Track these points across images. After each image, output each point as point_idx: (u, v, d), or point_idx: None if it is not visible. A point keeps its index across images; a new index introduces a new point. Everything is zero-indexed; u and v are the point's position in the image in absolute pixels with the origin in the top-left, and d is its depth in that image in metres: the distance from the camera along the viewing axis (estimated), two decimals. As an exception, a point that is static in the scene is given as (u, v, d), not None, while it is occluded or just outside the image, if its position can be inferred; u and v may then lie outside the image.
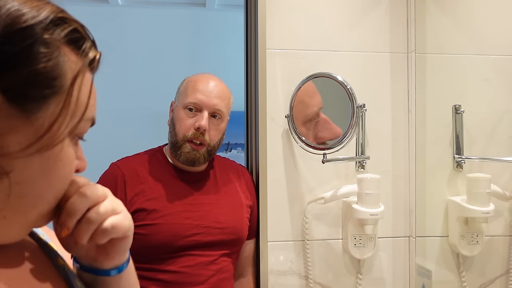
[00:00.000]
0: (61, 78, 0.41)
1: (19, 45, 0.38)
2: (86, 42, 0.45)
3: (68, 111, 0.42)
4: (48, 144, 0.41)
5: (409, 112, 1.41)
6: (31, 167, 0.41)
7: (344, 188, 1.32)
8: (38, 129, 0.40)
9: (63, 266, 0.50)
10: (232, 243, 1.18)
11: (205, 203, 1.17)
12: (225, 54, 3.00)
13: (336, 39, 1.39)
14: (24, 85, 0.39)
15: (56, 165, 0.43)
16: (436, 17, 1.37)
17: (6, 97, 0.38)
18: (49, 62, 0.40)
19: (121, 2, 3.09)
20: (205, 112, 1.15)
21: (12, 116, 0.39)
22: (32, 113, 0.40)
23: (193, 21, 3.17)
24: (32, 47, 0.39)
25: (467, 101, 1.31)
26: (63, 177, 0.44)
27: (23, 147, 0.40)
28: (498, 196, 1.25)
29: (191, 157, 1.15)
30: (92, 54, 0.45)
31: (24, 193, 0.42)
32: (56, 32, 0.41)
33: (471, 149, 1.31)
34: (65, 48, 0.42)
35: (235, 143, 3.04)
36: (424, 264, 1.35)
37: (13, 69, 0.38)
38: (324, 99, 1.34)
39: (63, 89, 0.42)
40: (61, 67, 0.41)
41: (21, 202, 0.42)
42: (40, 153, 0.41)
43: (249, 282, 1.28)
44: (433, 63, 1.38)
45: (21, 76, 0.39)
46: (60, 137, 0.42)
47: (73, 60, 0.43)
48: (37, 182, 0.42)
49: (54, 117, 0.41)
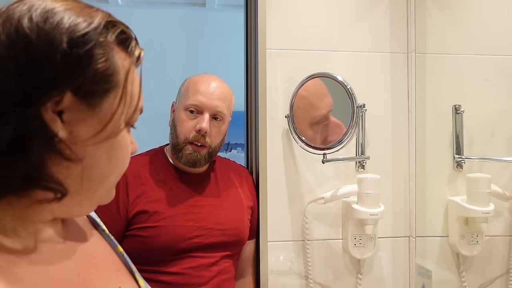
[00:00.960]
0: (117, 74, 0.48)
1: (82, 50, 0.44)
2: (132, 41, 0.52)
3: (125, 102, 0.49)
4: (112, 133, 0.49)
5: (409, 112, 1.41)
6: (98, 153, 0.48)
7: (344, 188, 1.32)
8: (102, 119, 0.47)
9: (122, 253, 0.61)
10: (234, 245, 1.18)
11: (206, 205, 1.17)
12: (225, 54, 3.00)
13: (336, 39, 1.39)
14: (89, 83, 0.45)
15: (118, 150, 0.50)
16: (436, 17, 1.37)
17: (75, 95, 0.45)
18: (107, 61, 0.47)
19: (121, 2, 3.09)
20: (206, 114, 1.14)
21: (81, 110, 0.46)
22: (96, 106, 0.47)
23: (193, 21, 3.17)
24: (92, 50, 0.45)
25: (467, 101, 1.31)
26: (123, 160, 0.52)
27: (91, 136, 0.47)
28: (498, 196, 1.25)
29: (192, 158, 1.14)
30: (137, 51, 0.52)
31: (93, 175, 0.49)
32: (109, 35, 0.48)
33: (471, 149, 1.31)
34: (117, 48, 0.49)
35: (235, 143, 3.03)
36: (424, 264, 1.35)
37: (79, 70, 0.45)
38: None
39: (119, 84, 0.48)
40: (115, 65, 0.48)
41: (91, 183, 0.49)
42: (107, 140, 0.48)
43: (249, 282, 1.28)
44: (433, 63, 1.38)
45: (86, 75, 0.45)
46: (121, 125, 0.50)
47: (124, 57, 0.50)
48: (103, 165, 0.49)
49: (114, 108, 0.48)
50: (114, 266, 0.58)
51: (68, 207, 0.49)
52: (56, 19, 0.44)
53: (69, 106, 0.45)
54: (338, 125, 1.30)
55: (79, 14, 0.46)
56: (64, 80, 0.44)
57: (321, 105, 1.30)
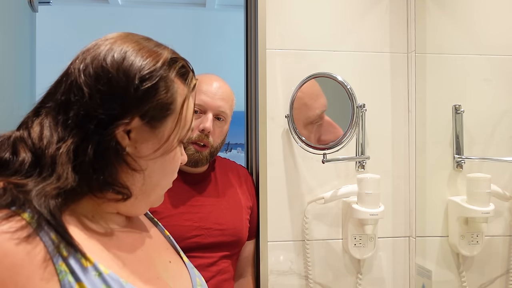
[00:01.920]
0: (175, 103, 0.59)
1: (149, 84, 0.56)
2: (189, 74, 0.62)
3: (180, 125, 0.60)
4: (168, 150, 0.60)
5: (409, 112, 1.41)
6: (155, 165, 0.60)
7: (344, 188, 1.32)
8: (160, 139, 0.59)
9: (169, 236, 0.75)
10: (232, 245, 1.18)
11: (205, 205, 1.17)
12: (225, 54, 3.01)
13: (336, 39, 1.39)
14: (152, 110, 0.57)
15: (170, 163, 0.62)
16: (436, 17, 1.37)
17: (142, 119, 0.57)
18: (167, 93, 0.58)
19: (121, 2, 3.09)
20: (209, 114, 1.15)
21: (145, 131, 0.58)
22: (156, 128, 0.58)
23: (193, 21, 3.18)
24: (157, 84, 0.57)
25: (467, 101, 1.31)
26: (173, 170, 0.64)
27: (151, 152, 0.58)
28: (498, 196, 1.25)
29: (195, 158, 1.15)
30: (193, 82, 0.63)
31: (150, 182, 0.61)
32: (171, 71, 0.59)
33: (471, 149, 1.31)
34: (177, 80, 0.60)
35: (235, 143, 3.04)
36: (424, 264, 1.35)
37: (146, 100, 0.56)
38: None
39: (176, 110, 0.60)
40: (175, 95, 0.59)
41: (147, 189, 0.61)
42: (163, 156, 0.60)
43: (248, 282, 1.28)
44: (433, 63, 1.38)
45: (151, 104, 0.56)
46: (175, 144, 0.61)
47: (182, 88, 0.61)
48: (158, 175, 0.61)
49: (171, 130, 0.59)
50: (164, 246, 0.71)
51: (128, 207, 0.61)
52: (131, 59, 0.56)
53: (136, 127, 0.57)
54: (331, 124, 1.31)
55: (149, 53, 0.58)
56: (134, 107, 0.55)
57: (315, 105, 1.30)
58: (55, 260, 0.49)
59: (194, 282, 0.68)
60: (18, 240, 0.47)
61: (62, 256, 0.49)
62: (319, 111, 1.30)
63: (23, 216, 0.49)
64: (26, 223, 0.48)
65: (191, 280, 0.68)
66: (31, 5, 1.49)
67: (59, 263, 0.49)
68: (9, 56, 1.28)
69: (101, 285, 0.50)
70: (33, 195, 0.50)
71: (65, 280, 0.48)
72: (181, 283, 0.66)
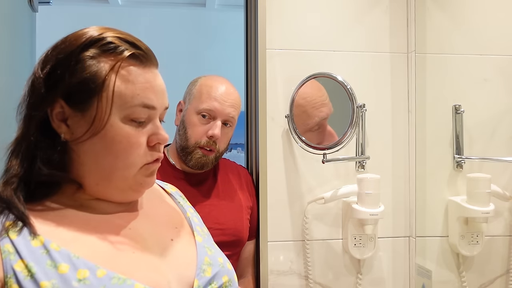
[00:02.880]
0: (98, 80, 0.58)
1: (66, 66, 0.58)
2: (119, 48, 0.60)
3: (107, 102, 0.59)
4: (96, 129, 0.59)
5: (409, 112, 1.41)
6: (94, 146, 0.60)
7: (344, 188, 1.32)
8: (89, 120, 0.59)
9: (181, 204, 0.78)
10: (233, 245, 1.18)
11: (205, 205, 1.17)
12: (225, 54, 3.00)
13: (336, 39, 1.39)
14: (73, 91, 0.59)
15: (114, 142, 0.60)
16: (436, 17, 1.37)
17: (66, 102, 0.59)
18: (84, 72, 0.58)
19: (121, 2, 3.09)
20: (218, 121, 1.15)
21: (76, 116, 0.59)
22: (85, 111, 0.59)
23: (193, 21, 3.17)
24: (75, 65, 0.58)
25: (467, 101, 1.31)
26: (123, 150, 0.60)
27: (82, 134, 0.59)
28: (498, 196, 1.25)
29: (201, 162, 1.16)
30: (125, 53, 0.60)
31: (101, 166, 0.60)
32: (91, 49, 0.59)
33: (471, 149, 1.31)
34: (101, 57, 0.59)
35: (235, 143, 3.03)
36: (424, 264, 1.35)
37: (62, 81, 0.58)
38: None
39: (105, 87, 0.59)
40: (96, 73, 0.59)
41: (101, 172, 0.61)
42: (95, 135, 0.59)
43: (248, 282, 1.28)
44: (433, 63, 1.38)
45: (69, 84, 0.58)
46: (104, 122, 0.59)
47: (109, 63, 0.59)
48: (104, 156, 0.60)
49: (97, 109, 0.58)
50: (173, 225, 0.70)
51: (101, 193, 0.63)
52: (50, 49, 0.62)
53: (68, 114, 0.59)
54: (331, 134, 1.30)
55: (70, 40, 0.61)
56: (54, 92, 0.59)
57: (315, 113, 1.30)
58: (1, 242, 0.55)
59: (200, 259, 0.66)
60: None
61: (9, 237, 0.55)
62: (318, 119, 1.29)
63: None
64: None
65: (197, 257, 0.67)
66: (31, 5, 1.49)
67: (4, 244, 0.54)
68: (9, 56, 1.28)
69: (46, 260, 0.54)
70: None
71: (6, 259, 0.53)
72: (182, 260, 0.65)
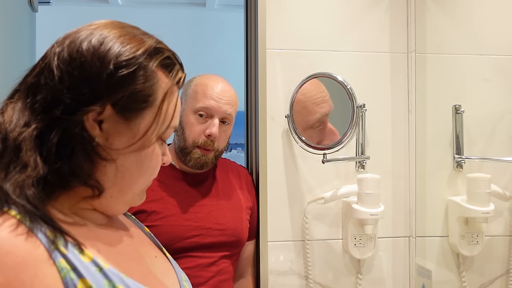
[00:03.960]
0: (154, 95, 0.56)
1: (124, 71, 0.52)
2: (175, 67, 0.59)
3: (158, 120, 0.57)
4: (143, 146, 0.56)
5: (409, 112, 1.41)
6: (129, 160, 0.56)
7: (344, 188, 1.32)
8: (135, 133, 0.55)
9: (149, 233, 0.74)
10: (232, 245, 1.18)
11: (205, 205, 1.17)
12: (225, 54, 3.00)
13: (336, 39, 1.39)
14: (126, 99, 0.53)
15: (147, 160, 0.58)
16: (436, 17, 1.37)
17: (114, 108, 0.53)
18: (146, 83, 0.54)
19: (121, 2, 3.09)
20: (216, 118, 1.14)
21: (118, 123, 0.54)
22: (131, 120, 0.55)
23: (193, 21, 3.18)
24: (134, 72, 0.53)
25: (467, 101, 1.31)
26: (151, 168, 0.59)
27: (124, 146, 0.55)
28: (498, 196, 1.25)
29: (201, 162, 1.15)
30: (178, 76, 0.59)
31: (124, 178, 0.57)
32: (153, 60, 0.55)
33: (471, 149, 1.31)
34: (159, 72, 0.56)
35: (235, 143, 3.03)
36: (424, 264, 1.35)
37: (120, 88, 0.53)
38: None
39: (155, 104, 0.56)
40: (154, 87, 0.55)
41: (122, 186, 0.57)
42: (138, 152, 0.56)
43: (248, 283, 1.28)
44: (433, 63, 1.38)
45: (125, 93, 0.53)
46: (152, 140, 0.57)
47: (165, 81, 0.57)
48: (133, 171, 0.57)
49: (148, 125, 0.56)
50: (147, 242, 0.70)
51: (104, 205, 0.58)
52: (110, 44, 0.53)
53: (108, 117, 0.53)
54: (332, 132, 1.30)
55: (130, 41, 0.55)
56: (106, 95, 0.52)
57: (315, 109, 1.29)
58: (54, 256, 0.47)
59: (179, 277, 0.67)
60: (17, 238, 0.45)
61: (61, 252, 0.47)
62: (319, 115, 1.29)
63: (11, 214, 0.47)
64: (18, 220, 0.47)
65: (177, 275, 0.67)
66: (31, 5, 1.49)
67: (59, 260, 0.47)
68: (9, 56, 1.28)
69: (103, 280, 0.49)
70: (8, 188, 0.48)
71: (67, 278, 0.46)
72: (169, 277, 0.65)
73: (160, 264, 0.66)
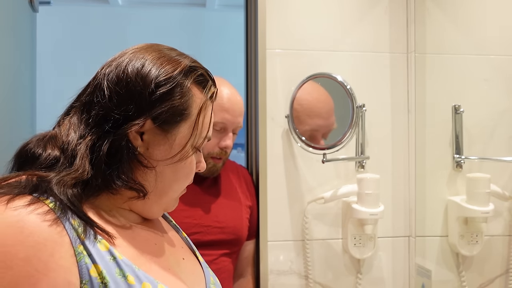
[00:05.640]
0: (189, 109, 0.62)
1: (163, 89, 0.60)
2: (208, 83, 0.66)
3: (196, 132, 0.63)
4: (184, 157, 0.63)
5: (409, 112, 1.42)
6: (168, 167, 0.63)
7: (344, 188, 1.32)
8: (172, 143, 0.62)
9: (186, 237, 0.81)
10: (232, 243, 1.18)
11: (205, 203, 1.18)
12: (225, 54, 3.00)
13: (336, 39, 1.39)
14: (165, 114, 0.60)
15: (183, 168, 0.64)
16: (436, 17, 1.38)
17: (154, 122, 0.60)
18: (182, 99, 0.61)
19: (121, 2, 3.09)
20: (230, 132, 1.18)
21: (157, 134, 0.61)
22: (168, 132, 0.62)
23: (193, 21, 3.17)
24: (172, 90, 0.60)
25: (467, 101, 1.32)
26: (186, 176, 0.66)
27: (166, 158, 0.62)
28: (498, 196, 1.26)
29: (213, 170, 1.19)
30: (211, 91, 0.66)
31: (161, 184, 0.63)
32: (188, 78, 0.62)
33: (470, 149, 1.32)
34: (194, 88, 0.63)
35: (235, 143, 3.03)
36: (424, 264, 1.36)
37: (159, 104, 0.60)
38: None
39: (191, 117, 0.63)
40: (189, 101, 0.62)
41: (158, 190, 0.64)
42: (176, 163, 0.63)
43: (248, 282, 1.28)
44: (433, 63, 1.39)
45: (164, 108, 0.60)
46: (189, 152, 0.64)
47: (199, 96, 0.64)
48: (169, 178, 0.64)
49: (187, 137, 0.63)
50: (180, 244, 0.75)
51: (141, 207, 0.65)
52: (149, 67, 0.61)
53: (148, 130, 0.60)
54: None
55: (168, 62, 0.62)
56: (147, 110, 0.59)
57: (307, 121, 1.30)
58: (73, 242, 0.53)
59: (207, 279, 0.71)
60: (44, 222, 0.52)
61: (80, 239, 0.53)
62: (309, 128, 1.31)
63: (46, 203, 0.54)
64: (50, 209, 0.53)
65: (205, 277, 0.71)
66: (31, 5, 1.49)
67: (77, 245, 0.53)
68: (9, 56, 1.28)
69: (115, 268, 0.54)
70: (53, 184, 0.55)
71: (82, 261, 0.52)
72: (194, 278, 0.69)
73: (187, 266, 0.70)
